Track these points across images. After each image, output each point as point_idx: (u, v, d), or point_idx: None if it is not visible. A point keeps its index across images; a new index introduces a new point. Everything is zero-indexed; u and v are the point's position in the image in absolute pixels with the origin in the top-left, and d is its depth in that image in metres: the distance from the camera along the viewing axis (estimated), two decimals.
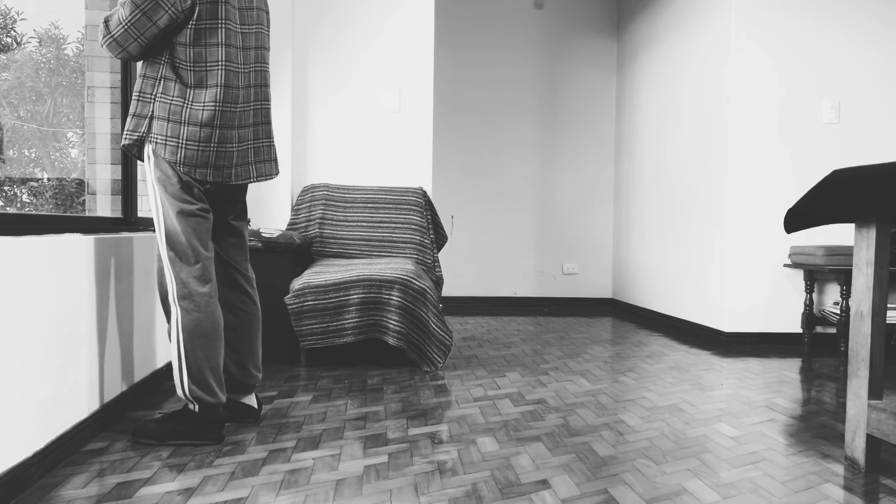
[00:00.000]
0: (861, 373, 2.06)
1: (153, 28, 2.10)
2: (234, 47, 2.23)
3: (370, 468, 2.03)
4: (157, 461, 2.06)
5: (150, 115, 2.17)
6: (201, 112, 2.17)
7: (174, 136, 2.15)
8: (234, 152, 2.27)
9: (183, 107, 2.16)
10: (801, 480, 1.99)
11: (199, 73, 2.18)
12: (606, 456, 2.18)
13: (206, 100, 2.18)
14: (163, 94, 2.17)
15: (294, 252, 3.60)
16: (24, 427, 1.83)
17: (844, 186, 1.99)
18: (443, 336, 3.43)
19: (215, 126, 2.19)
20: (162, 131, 2.15)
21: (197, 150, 2.17)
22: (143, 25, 2.09)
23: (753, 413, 2.72)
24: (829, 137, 4.36)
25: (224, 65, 2.20)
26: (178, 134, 2.15)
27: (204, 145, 2.18)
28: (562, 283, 6.42)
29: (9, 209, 4.65)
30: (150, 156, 2.19)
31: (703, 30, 4.74)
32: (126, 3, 2.09)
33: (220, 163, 2.23)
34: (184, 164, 2.16)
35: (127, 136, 2.21)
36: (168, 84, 2.17)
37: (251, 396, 2.50)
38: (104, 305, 2.36)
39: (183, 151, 2.16)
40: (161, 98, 2.17)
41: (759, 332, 4.38)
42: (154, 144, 2.16)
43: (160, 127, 2.16)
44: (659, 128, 5.44)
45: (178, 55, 2.16)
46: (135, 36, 2.11)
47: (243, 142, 2.29)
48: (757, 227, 4.35)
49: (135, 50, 2.15)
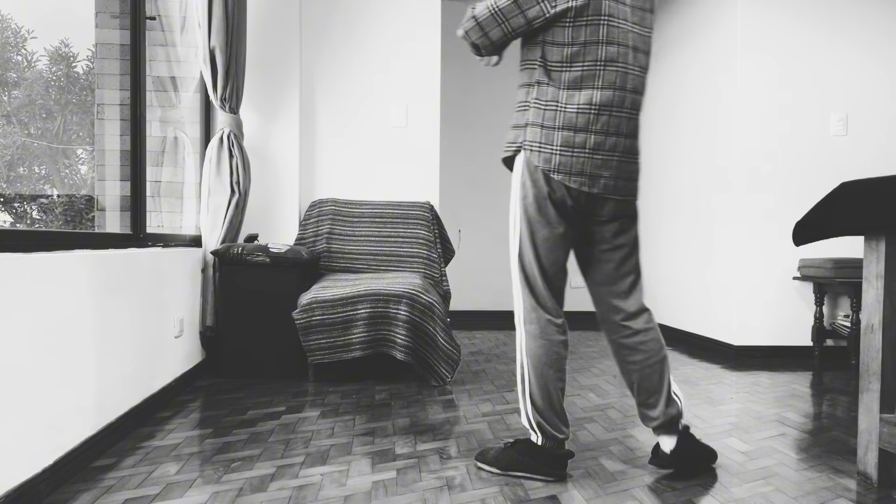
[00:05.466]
0: (873, 386, 2.04)
1: (520, 17, 2.00)
2: (616, 45, 2.03)
3: (378, 484, 2.02)
4: (166, 478, 2.05)
5: (526, 122, 2.07)
6: (576, 115, 2.02)
7: (548, 143, 2.03)
8: (612, 161, 2.07)
9: (557, 111, 2.03)
10: (813, 496, 1.97)
11: (575, 72, 2.02)
12: (616, 471, 2.16)
13: (581, 102, 2.02)
14: (536, 98, 2.06)
15: (302, 267, 3.61)
16: (33, 443, 1.84)
17: (853, 199, 1.99)
18: (451, 350, 3.42)
19: (591, 131, 2.02)
20: (536, 138, 2.04)
21: (571, 156, 2.02)
22: (510, 11, 2.00)
23: (764, 428, 2.70)
24: (837, 150, 4.35)
25: (604, 65, 2.02)
26: (552, 140, 2.03)
27: (579, 151, 2.02)
28: (570, 297, 6.38)
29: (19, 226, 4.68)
30: (521, 166, 2.08)
31: (708, 41, 4.74)
32: None
33: (597, 172, 2.04)
34: (558, 171, 2.02)
35: (505, 149, 2.13)
36: (542, 88, 2.06)
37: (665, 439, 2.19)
38: (113, 322, 2.37)
39: (558, 158, 2.02)
40: (535, 103, 2.06)
41: (768, 345, 4.35)
42: (528, 152, 2.05)
43: (534, 133, 2.05)
44: (665, 140, 5.44)
45: (551, 56, 2.03)
46: (500, 21, 2.02)
47: (616, 153, 2.07)
48: (765, 240, 4.34)
49: (496, 36, 2.05)
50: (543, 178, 2.04)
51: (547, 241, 2.09)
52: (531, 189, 2.06)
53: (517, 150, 2.09)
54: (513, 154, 2.11)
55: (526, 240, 2.09)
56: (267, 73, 4.25)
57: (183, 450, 2.32)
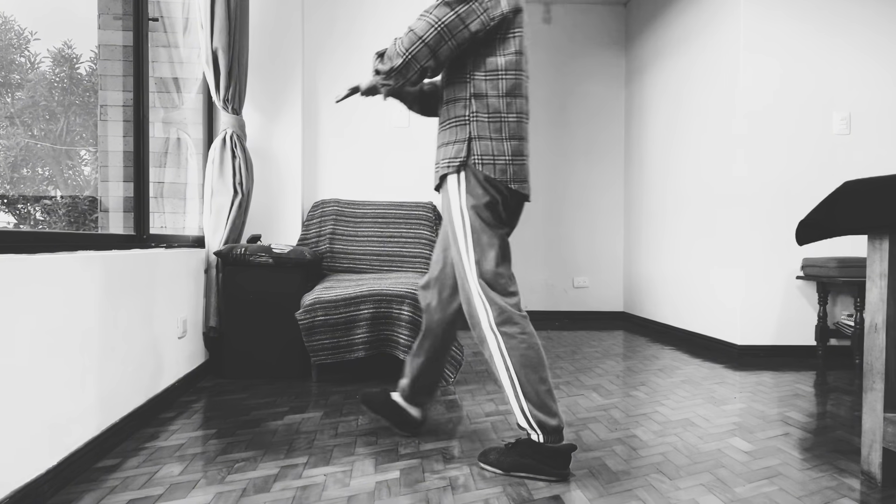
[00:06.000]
0: (876, 386, 2.04)
1: (465, 31, 2.05)
2: (524, 55, 2.17)
3: (382, 484, 2.02)
4: (170, 478, 2.06)
5: (468, 136, 2.12)
6: (517, 125, 2.14)
7: (501, 154, 2.11)
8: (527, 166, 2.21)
9: (501, 122, 2.12)
10: (817, 496, 1.96)
11: (510, 82, 2.12)
12: (619, 471, 2.16)
13: (516, 111, 2.14)
14: (477, 112, 2.12)
15: (305, 267, 3.61)
16: (36, 444, 1.84)
17: (856, 198, 1.98)
18: (453, 351, 3.42)
19: (523, 138, 2.17)
20: (487, 150, 2.11)
21: (522, 165, 2.16)
22: (456, 26, 2.04)
23: (768, 427, 2.70)
24: (839, 149, 4.35)
25: (524, 75, 2.16)
26: (504, 151, 2.12)
27: (523, 159, 2.16)
28: (573, 297, 6.40)
29: (23, 227, 4.69)
30: (465, 180, 2.13)
31: (711, 42, 4.74)
32: (434, 8, 2.05)
33: (527, 176, 2.20)
34: (514, 180, 2.13)
35: (446, 166, 2.16)
36: (482, 101, 2.12)
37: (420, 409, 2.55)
38: (116, 323, 2.38)
39: (512, 168, 2.13)
40: (476, 116, 2.12)
41: (772, 345, 4.35)
42: (480, 165, 2.11)
43: (484, 147, 2.11)
44: (668, 141, 5.43)
45: (488, 68, 2.11)
46: (448, 38, 2.05)
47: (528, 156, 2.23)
48: (769, 239, 4.33)
49: (445, 55, 2.08)
50: (495, 188, 2.13)
51: (502, 246, 2.19)
52: (484, 199, 2.13)
53: (461, 165, 2.13)
54: (455, 170, 2.14)
55: (486, 248, 2.14)
56: (269, 73, 4.26)
57: (186, 450, 2.33)
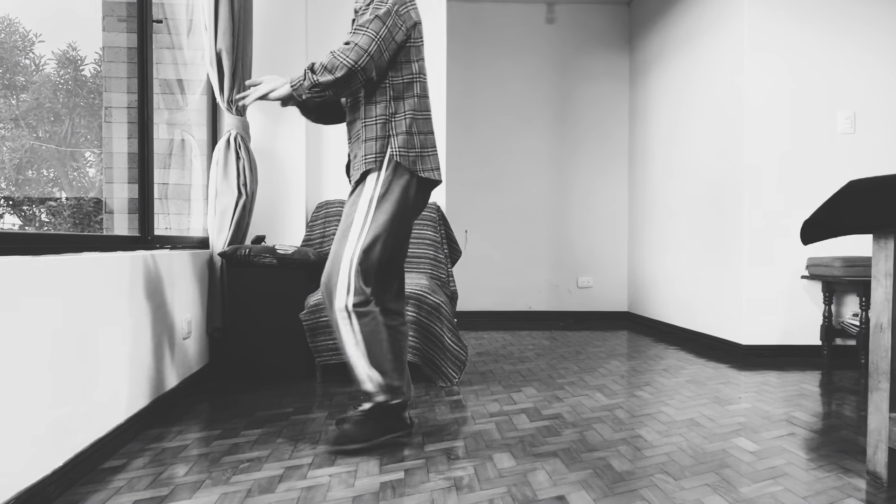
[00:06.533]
0: (882, 385, 2.03)
1: (393, 43, 2.32)
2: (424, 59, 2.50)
3: (386, 485, 2.02)
4: (175, 479, 2.06)
5: (388, 133, 2.37)
6: (426, 121, 2.44)
7: (417, 147, 2.39)
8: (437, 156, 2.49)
9: (415, 119, 2.40)
10: (823, 496, 1.96)
11: (422, 83, 2.44)
12: (624, 471, 2.16)
13: (426, 108, 2.46)
14: (395, 112, 2.38)
15: (309, 268, 3.61)
16: (43, 445, 1.85)
17: (861, 197, 1.98)
18: (458, 351, 3.42)
19: (432, 132, 2.47)
20: (406, 144, 2.36)
21: (432, 156, 2.44)
22: (388, 38, 2.30)
23: (773, 427, 2.69)
24: (844, 148, 4.33)
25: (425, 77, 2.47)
26: (422, 144, 2.41)
27: (432, 150, 2.44)
28: (577, 297, 6.39)
29: (28, 228, 4.70)
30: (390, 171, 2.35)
31: (715, 41, 4.73)
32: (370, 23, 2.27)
33: (438, 165, 2.48)
34: (433, 170, 2.42)
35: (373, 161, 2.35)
36: (399, 102, 2.39)
37: None
38: (121, 324, 2.38)
39: (429, 159, 2.42)
40: (395, 116, 2.38)
41: (777, 344, 4.34)
42: (402, 158, 2.35)
43: (403, 141, 2.36)
44: (672, 140, 5.43)
45: (405, 72, 2.40)
46: (385, 48, 2.30)
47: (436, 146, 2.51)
48: (773, 239, 4.32)
49: (384, 63, 2.32)
50: (416, 179, 2.39)
51: (404, 236, 2.48)
52: (403, 190, 2.36)
53: (380, 160, 2.35)
54: (378, 165, 2.35)
55: (383, 235, 2.33)
56: (273, 74, 4.26)
57: (191, 451, 2.33)
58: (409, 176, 2.37)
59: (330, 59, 2.25)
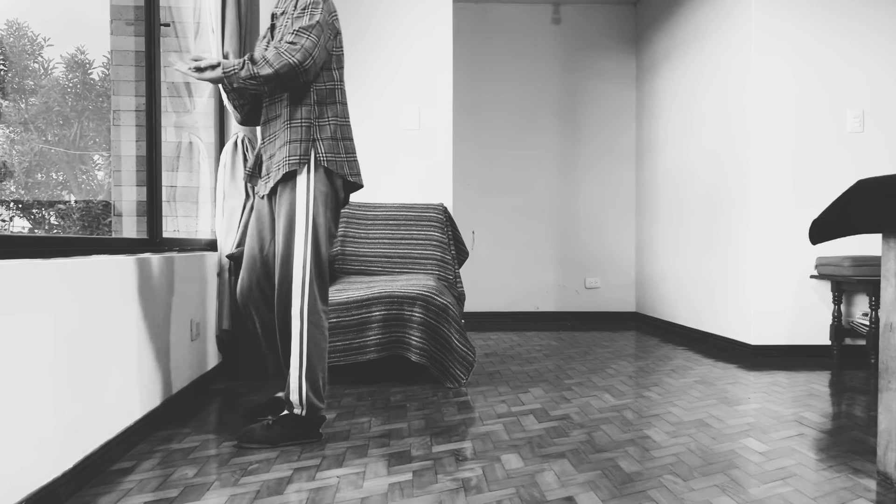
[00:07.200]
0: (892, 385, 2.02)
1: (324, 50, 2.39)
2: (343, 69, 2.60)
3: (394, 486, 2.03)
4: (184, 480, 2.07)
5: (313, 137, 2.43)
6: (349, 127, 2.54)
7: (343, 152, 2.48)
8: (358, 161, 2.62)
9: (338, 125, 2.49)
10: (833, 496, 1.95)
11: (344, 90, 2.54)
12: (632, 472, 2.15)
13: (347, 115, 2.55)
14: (319, 117, 2.45)
15: None
16: (53, 446, 1.86)
17: (871, 196, 1.97)
18: (465, 352, 3.42)
19: (352, 138, 2.56)
20: (332, 149, 2.44)
21: (354, 160, 2.52)
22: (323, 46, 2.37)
23: (782, 427, 2.68)
24: (853, 147, 4.31)
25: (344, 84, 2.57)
26: (347, 149, 2.50)
27: (353, 155, 2.53)
28: (584, 298, 6.38)
29: (37, 231, 4.73)
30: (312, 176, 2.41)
31: (722, 42, 4.72)
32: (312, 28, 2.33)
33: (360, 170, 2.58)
34: (357, 174, 2.52)
35: (297, 162, 2.40)
36: (323, 108, 2.46)
37: None
38: (130, 326, 2.39)
39: (356, 165, 2.53)
40: (320, 121, 2.45)
41: (786, 344, 4.32)
42: (327, 162, 2.42)
43: (329, 146, 2.44)
44: (680, 140, 5.41)
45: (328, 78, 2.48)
46: (321, 50, 2.36)
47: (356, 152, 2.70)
48: (782, 238, 4.31)
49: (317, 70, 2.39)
50: (340, 182, 2.49)
51: (333, 236, 2.54)
52: (330, 193, 2.45)
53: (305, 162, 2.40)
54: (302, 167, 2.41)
55: (323, 238, 2.43)
56: None
57: (200, 453, 2.34)
58: (339, 180, 2.47)
59: (274, 54, 2.27)
